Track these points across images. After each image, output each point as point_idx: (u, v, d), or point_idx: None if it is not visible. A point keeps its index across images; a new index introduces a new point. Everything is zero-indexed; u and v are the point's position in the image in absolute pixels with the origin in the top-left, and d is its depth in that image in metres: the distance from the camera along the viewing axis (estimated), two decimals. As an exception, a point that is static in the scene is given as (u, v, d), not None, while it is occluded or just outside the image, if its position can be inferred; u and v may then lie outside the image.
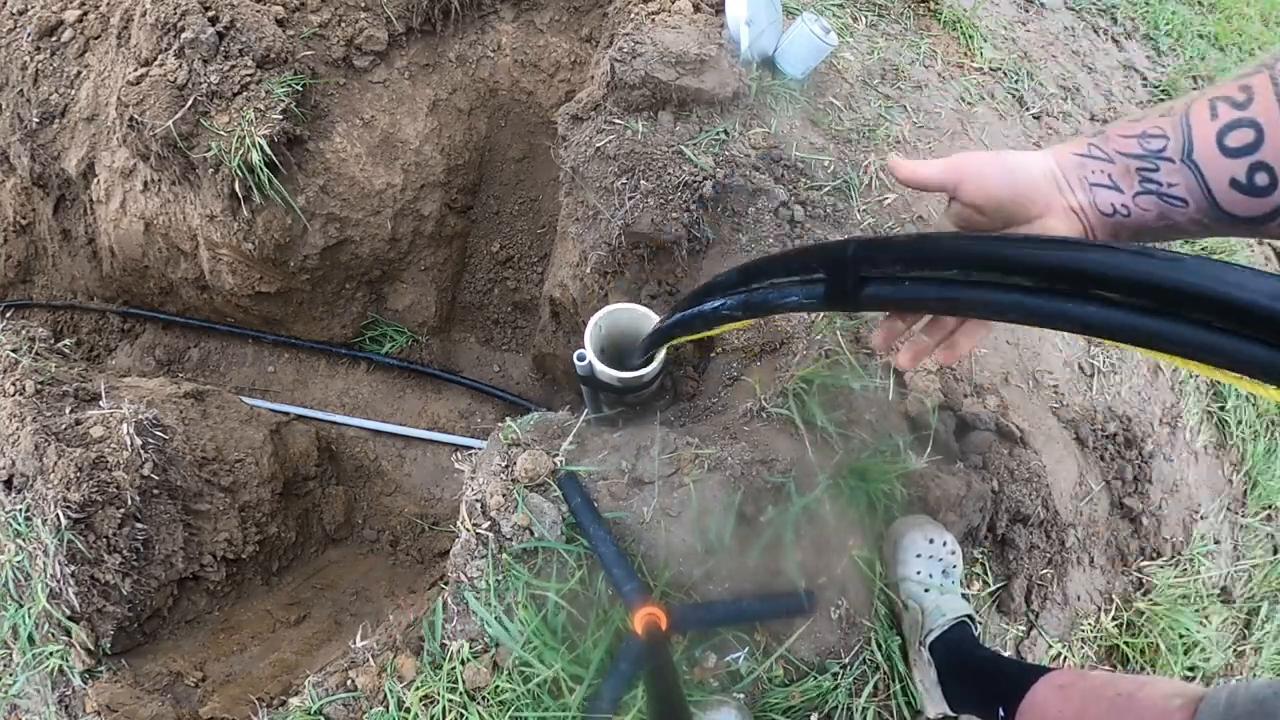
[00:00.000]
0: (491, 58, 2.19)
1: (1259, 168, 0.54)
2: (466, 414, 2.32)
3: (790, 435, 1.25)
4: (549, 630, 1.05)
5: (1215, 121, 0.56)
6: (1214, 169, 0.56)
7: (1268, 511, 1.84)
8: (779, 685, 1.13)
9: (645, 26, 1.62)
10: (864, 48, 1.97)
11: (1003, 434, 1.43)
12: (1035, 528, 1.38)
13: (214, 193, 1.83)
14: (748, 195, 1.55)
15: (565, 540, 1.09)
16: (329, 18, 1.89)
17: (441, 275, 2.32)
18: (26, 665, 1.23)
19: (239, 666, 1.37)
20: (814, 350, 1.37)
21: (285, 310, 2.19)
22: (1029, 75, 2.19)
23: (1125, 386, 1.70)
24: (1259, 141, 0.54)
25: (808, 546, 1.16)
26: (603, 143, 1.58)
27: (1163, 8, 2.83)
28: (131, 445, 1.36)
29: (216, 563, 1.52)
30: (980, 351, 1.54)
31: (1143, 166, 0.60)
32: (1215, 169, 0.56)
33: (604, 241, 1.67)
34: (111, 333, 2.43)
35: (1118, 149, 0.62)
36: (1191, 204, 0.58)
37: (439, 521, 2.09)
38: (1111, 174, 0.62)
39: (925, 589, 1.19)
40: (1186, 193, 0.58)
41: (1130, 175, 0.61)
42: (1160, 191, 0.60)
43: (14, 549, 1.27)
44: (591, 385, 1.48)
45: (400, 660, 1.10)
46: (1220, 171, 0.56)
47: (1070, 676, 0.97)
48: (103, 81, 2.00)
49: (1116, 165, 0.62)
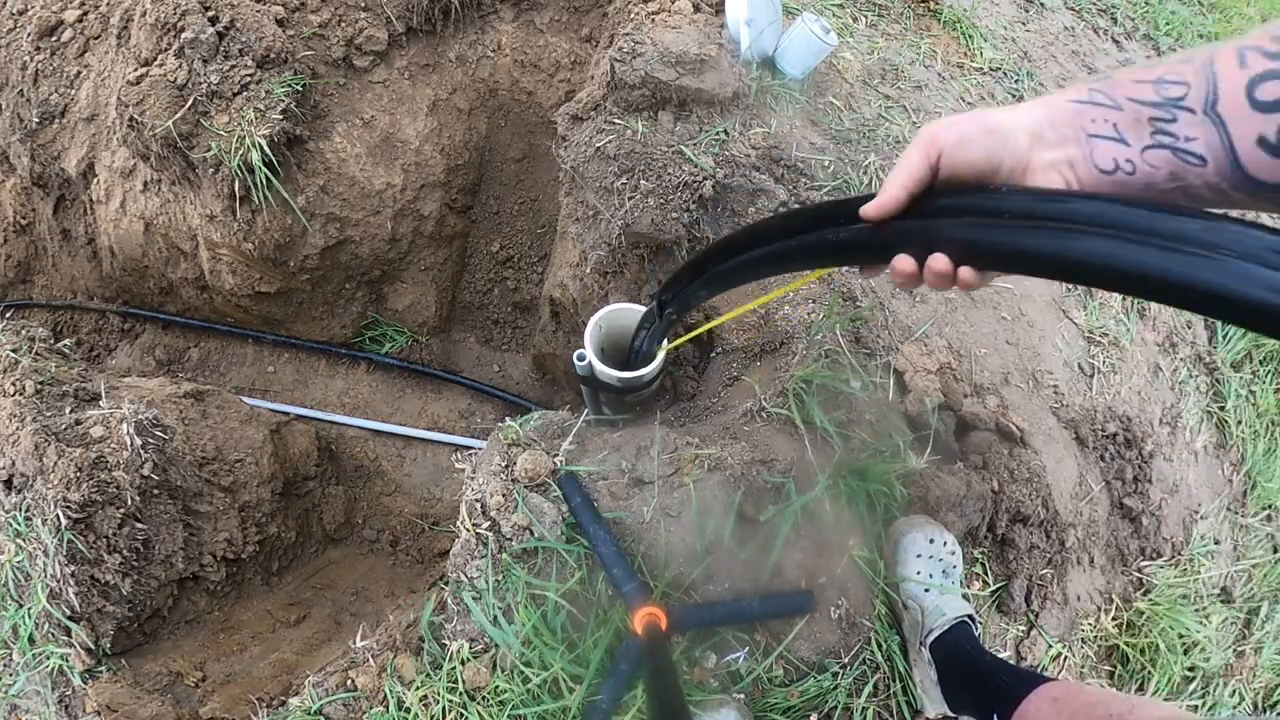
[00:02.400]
0: (491, 58, 2.19)
1: None
2: (466, 414, 2.32)
3: (790, 435, 1.25)
4: (549, 630, 1.05)
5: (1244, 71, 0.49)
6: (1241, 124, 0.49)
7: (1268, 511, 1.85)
8: (779, 685, 1.13)
9: (645, 26, 1.62)
10: (864, 48, 1.97)
11: (1003, 434, 1.43)
12: (1035, 528, 1.38)
13: (214, 193, 1.83)
14: (748, 195, 1.55)
15: (565, 540, 1.09)
16: (329, 18, 1.89)
17: (441, 275, 2.32)
18: (26, 665, 1.23)
19: (239, 666, 1.37)
20: (814, 350, 1.37)
21: (285, 310, 2.19)
22: (1029, 75, 2.19)
23: (1125, 386, 1.70)
24: None
25: (808, 546, 1.16)
26: (603, 143, 1.58)
27: (1163, 8, 2.83)
28: (131, 445, 1.36)
29: (216, 563, 1.52)
30: (980, 351, 1.54)
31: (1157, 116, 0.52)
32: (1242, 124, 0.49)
33: (604, 241, 1.67)
34: (111, 333, 2.43)
35: (1128, 95, 0.54)
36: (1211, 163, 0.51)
37: (439, 521, 2.09)
38: (1118, 123, 0.54)
39: (925, 589, 1.19)
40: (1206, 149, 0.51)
41: (1140, 125, 0.53)
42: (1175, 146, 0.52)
43: (14, 549, 1.27)
44: (591, 385, 1.48)
45: (400, 660, 1.10)
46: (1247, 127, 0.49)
47: (1064, 690, 0.97)
48: (103, 81, 2.00)
49: (1125, 113, 0.54)
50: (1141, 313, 1.84)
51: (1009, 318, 1.63)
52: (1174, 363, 1.84)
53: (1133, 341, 1.77)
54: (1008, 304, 1.65)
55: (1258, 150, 0.49)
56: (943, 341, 1.49)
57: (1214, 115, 0.50)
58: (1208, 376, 1.92)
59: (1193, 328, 1.96)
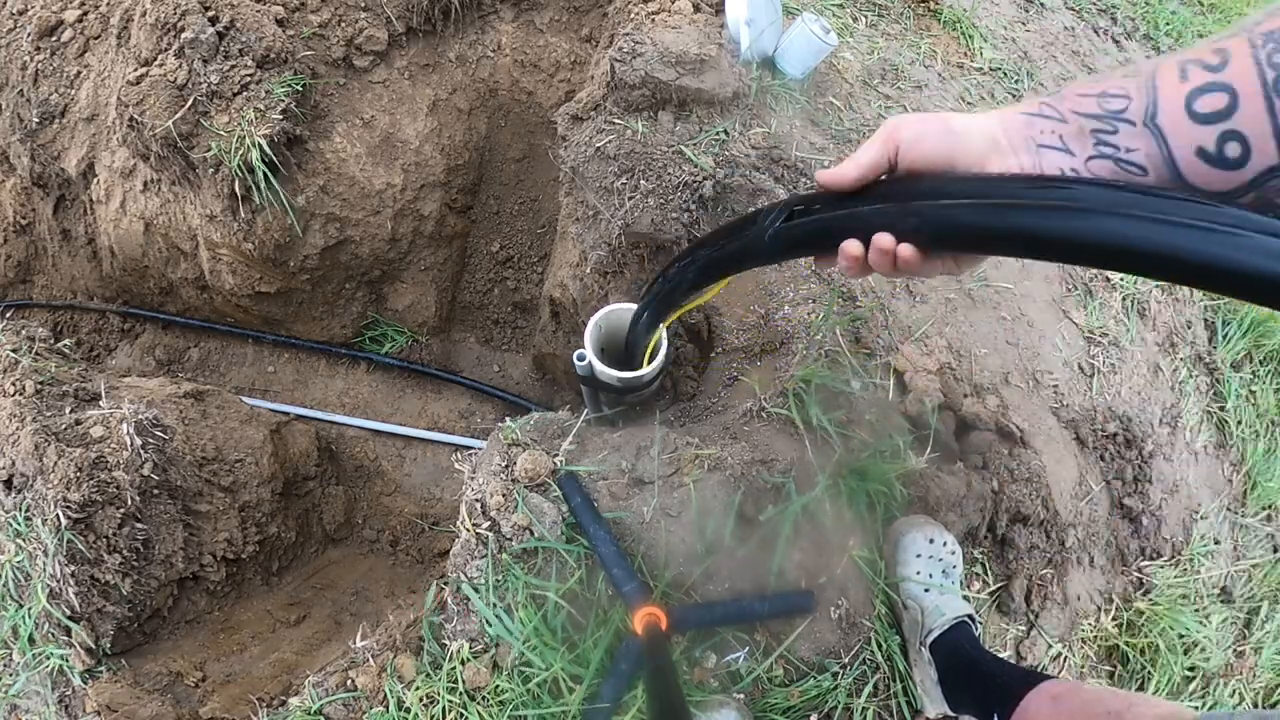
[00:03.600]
0: (491, 58, 2.19)
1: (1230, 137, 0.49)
2: (466, 414, 2.32)
3: (790, 435, 1.25)
4: (549, 630, 1.05)
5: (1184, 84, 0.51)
6: (1179, 135, 0.51)
7: (1268, 511, 1.85)
8: (779, 685, 1.13)
9: (645, 26, 1.62)
10: (864, 48, 1.97)
11: (1003, 434, 1.43)
12: (1035, 528, 1.38)
13: (214, 193, 1.83)
14: (748, 195, 1.55)
15: (565, 540, 1.09)
16: (329, 18, 1.89)
17: (441, 275, 2.32)
18: (26, 665, 1.23)
19: (239, 666, 1.37)
20: (814, 350, 1.37)
21: (285, 310, 2.19)
22: (1029, 75, 2.19)
23: (1125, 386, 1.70)
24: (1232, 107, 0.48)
25: (808, 546, 1.16)
26: (603, 143, 1.58)
27: (1163, 8, 2.83)
28: (131, 445, 1.36)
29: (216, 563, 1.52)
30: (980, 351, 1.54)
31: (1099, 128, 0.55)
32: (1181, 135, 0.51)
33: (604, 241, 1.67)
34: (111, 333, 2.42)
35: (1073, 108, 0.57)
36: (1151, 173, 0.53)
37: (439, 521, 2.09)
38: (1063, 135, 0.57)
39: (925, 589, 1.19)
40: (1146, 159, 0.53)
41: (1084, 137, 0.56)
42: (1116, 156, 0.54)
43: (14, 549, 1.27)
44: (591, 385, 1.48)
45: (400, 660, 1.10)
46: (1186, 138, 0.51)
47: (1064, 689, 0.97)
48: (103, 81, 2.00)
49: (1069, 125, 0.57)
50: (1141, 312, 1.84)
51: (1009, 318, 1.63)
52: (1174, 363, 1.84)
53: (1133, 341, 1.77)
54: (1008, 304, 1.65)
55: (1196, 160, 0.51)
56: (943, 341, 1.50)
57: (1154, 127, 0.52)
58: (1208, 376, 1.92)
59: (1192, 328, 1.96)
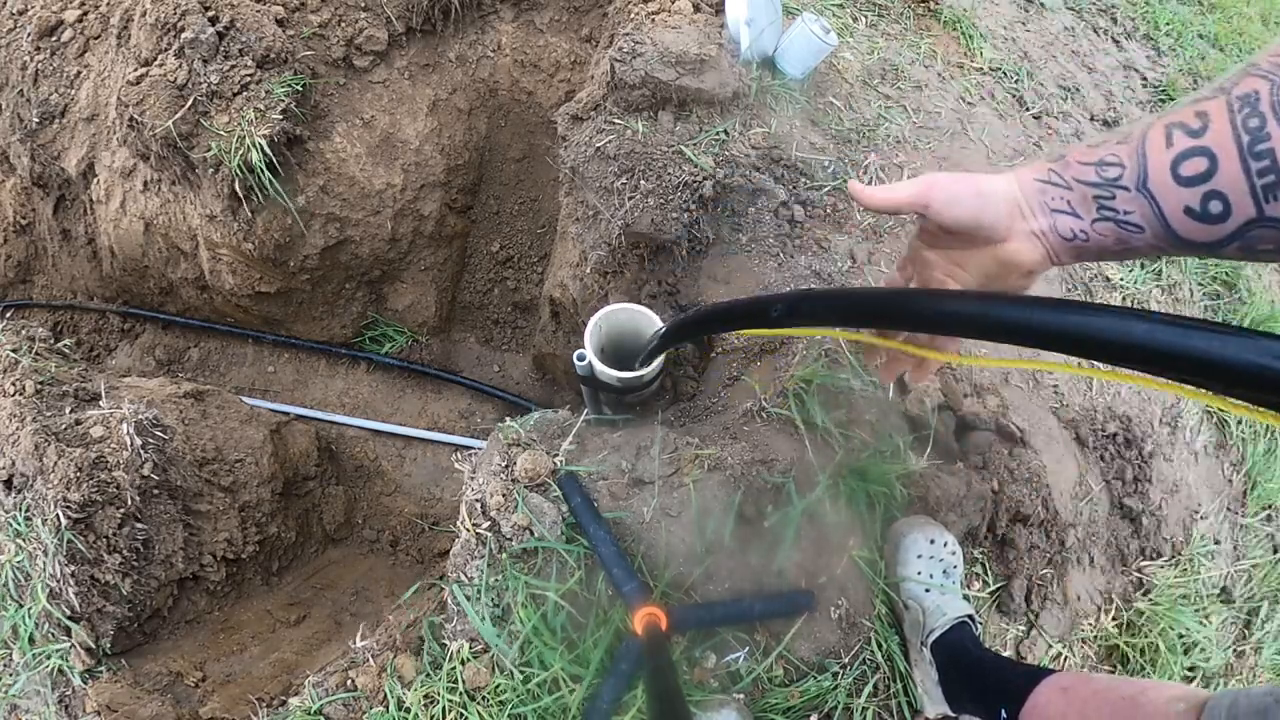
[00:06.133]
0: (491, 58, 2.19)
1: (1212, 196, 0.54)
2: (466, 414, 2.32)
3: (790, 435, 1.25)
4: (549, 630, 1.05)
5: (1170, 150, 0.56)
6: (1168, 197, 0.57)
7: (1268, 511, 1.84)
8: (779, 685, 1.13)
9: (645, 26, 1.62)
10: (864, 48, 1.97)
11: (1003, 434, 1.43)
12: (1035, 528, 1.38)
13: (214, 193, 1.83)
14: (748, 195, 1.55)
15: (565, 540, 1.09)
16: (329, 18, 1.89)
17: (441, 275, 2.32)
18: (26, 665, 1.23)
19: (239, 666, 1.37)
20: (814, 350, 1.37)
21: (285, 310, 2.19)
22: (1029, 75, 2.19)
23: (1125, 387, 1.70)
24: (1212, 170, 0.54)
25: (808, 547, 1.16)
26: (603, 143, 1.58)
27: (1163, 8, 2.83)
28: (131, 445, 1.36)
29: (216, 563, 1.52)
30: (980, 351, 1.54)
31: (1099, 195, 0.61)
32: (1169, 197, 0.57)
33: (604, 241, 1.67)
34: (111, 333, 2.43)
35: (1075, 176, 0.63)
36: (1148, 230, 0.59)
37: (439, 521, 2.09)
38: (1070, 201, 0.63)
39: (926, 589, 1.19)
40: (1142, 220, 0.59)
41: (1088, 203, 0.62)
42: (1117, 219, 0.61)
43: (14, 549, 1.27)
44: (591, 385, 1.48)
45: (400, 660, 1.10)
46: (1174, 200, 0.56)
47: (1073, 679, 0.97)
48: (103, 81, 2.00)
49: (1074, 192, 0.63)
50: (1141, 313, 1.83)
51: (1009, 318, 1.62)
52: (1174, 363, 1.84)
53: (1133, 341, 1.76)
54: (1008, 304, 1.64)
55: (1185, 217, 0.57)
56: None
57: (1145, 191, 0.58)
58: (1208, 376, 1.91)
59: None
